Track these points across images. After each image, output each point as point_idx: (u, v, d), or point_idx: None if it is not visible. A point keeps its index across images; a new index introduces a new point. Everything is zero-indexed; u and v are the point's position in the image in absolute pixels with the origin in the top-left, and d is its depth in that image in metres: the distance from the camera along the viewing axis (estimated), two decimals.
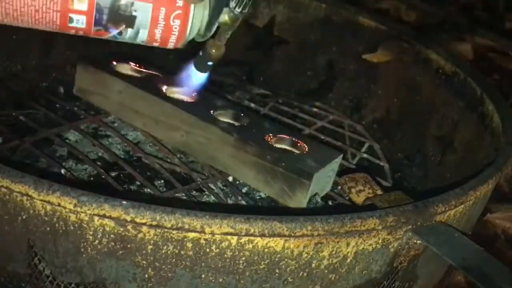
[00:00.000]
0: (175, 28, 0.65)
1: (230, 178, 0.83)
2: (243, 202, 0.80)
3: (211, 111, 0.84)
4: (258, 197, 0.82)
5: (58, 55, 1.05)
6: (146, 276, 0.57)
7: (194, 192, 0.81)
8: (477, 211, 0.75)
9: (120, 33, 0.65)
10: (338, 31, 1.12)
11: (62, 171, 0.80)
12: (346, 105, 1.12)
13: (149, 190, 0.79)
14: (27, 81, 1.00)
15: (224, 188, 0.82)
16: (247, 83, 1.16)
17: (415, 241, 0.61)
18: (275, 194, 0.78)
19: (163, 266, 0.56)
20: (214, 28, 0.70)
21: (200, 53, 0.76)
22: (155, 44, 0.66)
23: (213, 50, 0.75)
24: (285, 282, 0.59)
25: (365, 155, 0.98)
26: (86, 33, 0.65)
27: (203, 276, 0.57)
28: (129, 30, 0.64)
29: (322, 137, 0.99)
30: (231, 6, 0.69)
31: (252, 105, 1.04)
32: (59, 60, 1.05)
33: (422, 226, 0.62)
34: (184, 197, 0.79)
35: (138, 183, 0.81)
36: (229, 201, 0.81)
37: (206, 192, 0.81)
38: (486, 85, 0.93)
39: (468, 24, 1.76)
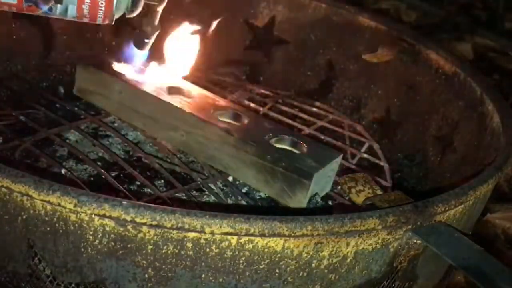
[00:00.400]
0: (101, 3, 0.67)
1: (230, 178, 0.83)
2: (243, 202, 0.80)
3: (211, 111, 0.84)
4: (258, 197, 0.82)
5: (58, 55, 1.05)
6: (146, 276, 0.57)
7: (194, 192, 0.81)
8: (477, 211, 0.75)
9: (50, 9, 0.67)
10: (338, 31, 1.12)
11: (63, 171, 0.80)
12: (346, 105, 1.12)
13: (149, 190, 0.79)
14: (27, 81, 1.00)
15: (224, 188, 0.82)
16: (247, 83, 1.16)
17: (415, 241, 0.61)
18: (275, 194, 0.78)
19: (163, 266, 0.56)
20: (141, 3, 0.71)
21: (137, 31, 0.79)
22: (86, 20, 0.69)
23: (148, 28, 0.78)
24: (285, 282, 0.59)
25: (365, 155, 0.98)
26: (19, 9, 0.67)
27: (203, 276, 0.57)
28: (59, 6, 0.67)
29: (322, 137, 0.99)
30: None
31: (252, 105, 1.04)
32: (59, 60, 1.05)
33: (422, 226, 0.62)
34: (184, 197, 0.79)
35: (138, 183, 0.81)
36: (229, 201, 0.81)
37: (206, 192, 0.81)
38: (486, 85, 0.93)
39: (468, 24, 1.76)
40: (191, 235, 0.54)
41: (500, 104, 0.87)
